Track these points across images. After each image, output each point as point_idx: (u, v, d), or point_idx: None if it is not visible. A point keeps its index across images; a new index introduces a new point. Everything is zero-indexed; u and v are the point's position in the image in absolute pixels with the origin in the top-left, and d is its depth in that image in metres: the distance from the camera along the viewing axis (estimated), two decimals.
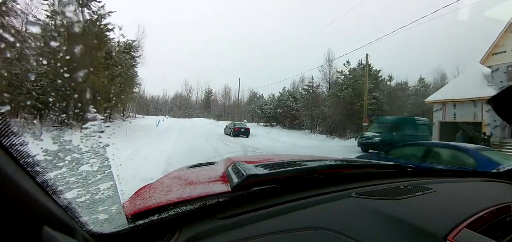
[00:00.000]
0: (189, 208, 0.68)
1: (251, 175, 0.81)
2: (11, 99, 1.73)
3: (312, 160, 1.18)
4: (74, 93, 0.84)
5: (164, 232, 0.62)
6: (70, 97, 0.82)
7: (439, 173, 1.27)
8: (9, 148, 0.39)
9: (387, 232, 0.59)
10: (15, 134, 0.40)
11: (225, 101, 65.87)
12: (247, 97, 60.30)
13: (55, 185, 0.49)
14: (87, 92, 0.83)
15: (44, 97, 9.43)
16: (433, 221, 0.61)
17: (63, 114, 6.33)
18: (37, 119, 9.93)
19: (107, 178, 0.78)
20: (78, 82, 0.78)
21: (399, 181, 1.05)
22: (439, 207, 0.73)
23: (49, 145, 0.67)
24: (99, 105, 3.30)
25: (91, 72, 7.57)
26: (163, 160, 7.91)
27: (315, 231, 0.60)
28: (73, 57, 0.77)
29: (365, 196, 0.81)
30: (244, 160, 1.18)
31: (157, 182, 1.10)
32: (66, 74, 0.78)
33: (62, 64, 0.78)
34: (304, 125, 31.15)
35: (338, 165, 1.10)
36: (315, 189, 0.86)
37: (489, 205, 0.71)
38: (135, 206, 0.75)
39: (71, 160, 0.70)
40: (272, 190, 0.82)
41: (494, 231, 0.61)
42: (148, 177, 3.01)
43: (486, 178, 1.22)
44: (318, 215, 0.69)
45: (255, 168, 0.94)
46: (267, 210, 0.70)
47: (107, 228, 0.62)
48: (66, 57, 0.81)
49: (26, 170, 0.41)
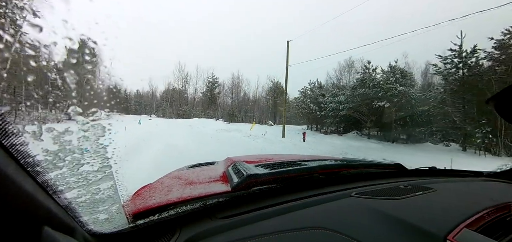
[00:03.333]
0: (189, 208, 0.68)
1: (251, 175, 0.81)
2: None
3: (312, 160, 1.18)
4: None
5: (164, 232, 0.62)
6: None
7: (439, 173, 1.27)
8: (10, 148, 0.39)
9: (387, 232, 0.59)
10: (15, 134, 0.40)
11: (233, 96, 47.19)
12: (267, 89, 43.76)
13: (55, 185, 0.49)
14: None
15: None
16: (433, 221, 0.61)
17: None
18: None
19: (107, 178, 0.78)
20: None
21: (399, 180, 1.05)
22: (439, 207, 0.73)
23: (49, 145, 0.66)
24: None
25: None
26: None
27: (315, 231, 0.60)
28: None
29: (365, 195, 0.81)
30: (244, 159, 1.18)
31: (157, 182, 1.10)
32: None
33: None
34: (444, 134, 15.90)
35: (338, 165, 1.10)
36: (315, 189, 0.86)
37: (489, 205, 0.71)
38: (135, 206, 0.75)
39: (71, 160, 0.71)
40: (272, 190, 0.82)
41: (494, 231, 0.61)
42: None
43: (486, 178, 1.22)
44: (318, 215, 0.69)
45: (255, 168, 0.94)
46: (267, 210, 0.70)
47: (107, 228, 0.62)
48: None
49: (26, 170, 0.41)
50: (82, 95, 0.80)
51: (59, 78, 0.79)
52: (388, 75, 17.07)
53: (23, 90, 6.14)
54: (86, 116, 0.74)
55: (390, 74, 17.08)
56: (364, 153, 10.97)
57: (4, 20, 2.28)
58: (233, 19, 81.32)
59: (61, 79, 0.77)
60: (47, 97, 8.02)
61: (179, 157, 6.22)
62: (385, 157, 6.84)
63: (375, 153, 12.21)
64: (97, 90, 0.82)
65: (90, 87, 0.88)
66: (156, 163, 4.89)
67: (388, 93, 16.29)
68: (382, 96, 16.60)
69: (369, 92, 17.33)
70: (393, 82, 16.44)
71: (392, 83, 16.39)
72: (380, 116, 17.76)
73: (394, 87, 16.21)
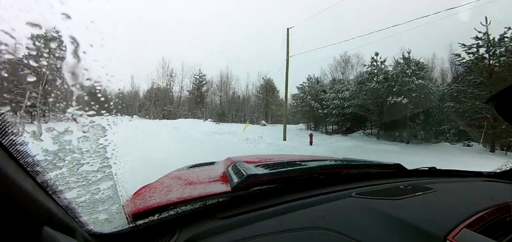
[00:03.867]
0: (189, 208, 0.68)
1: (251, 175, 0.81)
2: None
3: (312, 160, 1.18)
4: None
5: (164, 232, 0.62)
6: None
7: (439, 173, 1.27)
8: (9, 148, 0.39)
9: (387, 232, 0.59)
10: (15, 134, 0.40)
11: (221, 94, 43.49)
12: (258, 87, 41.83)
13: (55, 185, 0.49)
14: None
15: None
16: (433, 221, 0.61)
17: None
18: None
19: (107, 178, 0.78)
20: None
21: (399, 181, 1.05)
22: (439, 207, 0.73)
23: (49, 145, 0.66)
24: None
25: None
26: None
27: (315, 231, 0.60)
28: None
29: (365, 196, 0.81)
30: (244, 159, 1.18)
31: (157, 182, 1.10)
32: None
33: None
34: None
35: (338, 165, 1.10)
36: (315, 189, 0.86)
37: (489, 205, 0.71)
38: (135, 206, 0.75)
39: (71, 160, 0.70)
40: (272, 190, 0.82)
41: (494, 231, 0.61)
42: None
43: (486, 178, 1.22)
44: (318, 215, 0.69)
45: (255, 168, 0.94)
46: (267, 210, 0.70)
47: (107, 228, 0.62)
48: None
49: (26, 170, 0.41)
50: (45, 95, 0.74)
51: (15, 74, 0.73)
52: (403, 67, 14.85)
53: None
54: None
55: (404, 66, 14.89)
56: (389, 157, 8.05)
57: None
58: (220, 14, 73.28)
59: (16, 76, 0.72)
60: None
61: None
62: (420, 162, 3.30)
63: (402, 158, 6.57)
64: (62, 89, 0.77)
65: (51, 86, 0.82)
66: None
67: (405, 88, 14.21)
68: (398, 91, 14.53)
69: (379, 87, 15.52)
70: (409, 75, 14.39)
71: (408, 76, 14.37)
72: (391, 113, 15.32)
73: (412, 80, 14.19)
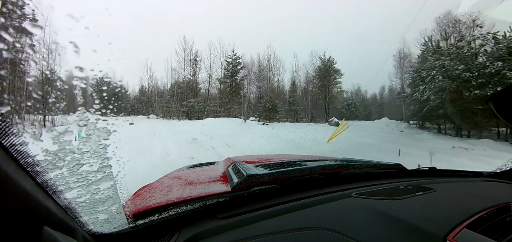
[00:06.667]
0: (189, 208, 0.68)
1: (251, 175, 0.81)
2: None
3: (312, 160, 1.18)
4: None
5: (164, 232, 0.62)
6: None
7: (439, 173, 1.27)
8: (9, 148, 0.38)
9: (387, 232, 0.59)
10: (15, 134, 0.40)
11: (259, 84, 28.73)
12: (313, 71, 27.97)
13: (55, 185, 0.49)
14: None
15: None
16: (433, 221, 0.61)
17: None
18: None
19: (107, 178, 0.78)
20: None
21: (399, 181, 1.05)
22: (439, 207, 0.73)
23: (49, 145, 0.66)
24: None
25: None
26: None
27: (315, 231, 0.60)
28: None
29: (365, 196, 0.81)
30: (244, 159, 1.18)
31: (157, 182, 1.10)
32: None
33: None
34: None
35: (338, 165, 1.10)
36: (315, 189, 0.86)
37: (489, 205, 0.71)
38: (135, 206, 0.75)
39: (71, 159, 0.70)
40: (272, 190, 0.82)
41: (494, 231, 0.61)
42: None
43: (486, 178, 1.22)
44: (318, 215, 0.69)
45: (255, 168, 0.94)
46: (267, 210, 0.70)
47: (107, 228, 0.62)
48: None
49: (26, 170, 0.41)
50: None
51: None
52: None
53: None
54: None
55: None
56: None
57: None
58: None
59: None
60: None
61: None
62: None
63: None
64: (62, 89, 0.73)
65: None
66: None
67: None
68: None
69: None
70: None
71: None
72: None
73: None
